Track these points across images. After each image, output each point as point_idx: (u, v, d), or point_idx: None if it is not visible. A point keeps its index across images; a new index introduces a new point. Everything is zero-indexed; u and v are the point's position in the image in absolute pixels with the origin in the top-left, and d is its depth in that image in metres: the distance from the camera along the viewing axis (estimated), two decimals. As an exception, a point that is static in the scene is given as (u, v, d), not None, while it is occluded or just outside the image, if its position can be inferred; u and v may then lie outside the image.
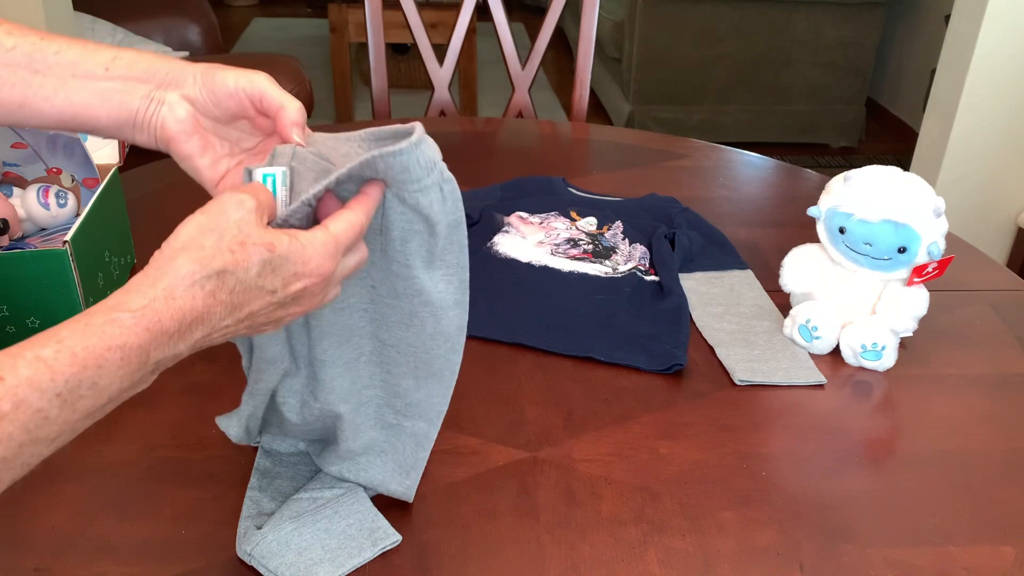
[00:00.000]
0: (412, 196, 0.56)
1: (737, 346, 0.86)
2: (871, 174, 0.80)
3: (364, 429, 0.65)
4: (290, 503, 0.64)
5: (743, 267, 0.99)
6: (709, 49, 3.20)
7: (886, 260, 0.80)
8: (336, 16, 3.13)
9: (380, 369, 0.63)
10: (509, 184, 1.15)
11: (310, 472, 0.68)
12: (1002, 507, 0.68)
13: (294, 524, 0.61)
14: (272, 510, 0.64)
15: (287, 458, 0.69)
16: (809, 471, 0.71)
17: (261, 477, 0.67)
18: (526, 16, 5.15)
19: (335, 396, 0.62)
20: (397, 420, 0.65)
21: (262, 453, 0.69)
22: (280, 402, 0.62)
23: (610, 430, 0.74)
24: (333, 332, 0.61)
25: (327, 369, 0.61)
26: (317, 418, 0.63)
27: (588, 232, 1.04)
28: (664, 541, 0.63)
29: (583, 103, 1.56)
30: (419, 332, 0.61)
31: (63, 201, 0.87)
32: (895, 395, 0.81)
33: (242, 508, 0.64)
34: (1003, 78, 2.07)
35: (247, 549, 0.60)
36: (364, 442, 0.65)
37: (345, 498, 0.64)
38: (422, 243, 0.58)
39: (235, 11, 5.07)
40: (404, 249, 0.58)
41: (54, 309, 0.78)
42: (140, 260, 0.96)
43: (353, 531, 0.62)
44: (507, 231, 1.04)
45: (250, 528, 0.62)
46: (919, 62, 3.46)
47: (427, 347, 0.61)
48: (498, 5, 1.52)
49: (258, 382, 0.60)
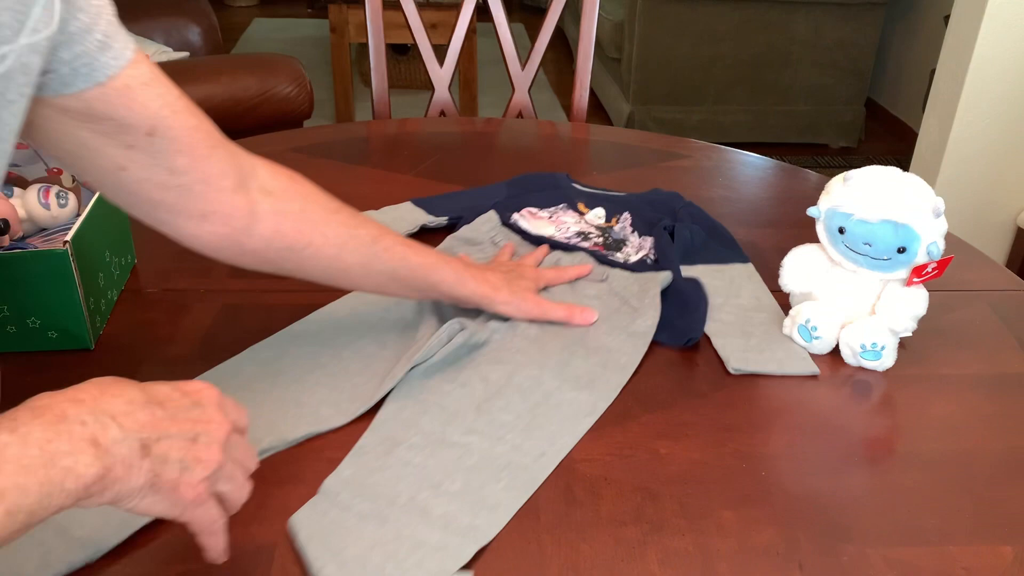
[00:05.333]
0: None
1: (734, 336, 0.86)
2: (871, 174, 0.80)
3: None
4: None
5: (744, 260, 0.99)
6: (709, 49, 3.20)
7: (885, 260, 0.80)
8: (336, 16, 3.13)
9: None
10: (515, 181, 1.15)
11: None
12: (1001, 507, 0.68)
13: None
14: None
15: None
16: (809, 471, 0.71)
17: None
18: (526, 16, 5.15)
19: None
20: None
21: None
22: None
23: (609, 430, 0.74)
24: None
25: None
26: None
27: (597, 225, 1.05)
28: (664, 541, 0.63)
29: (583, 103, 1.56)
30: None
31: (64, 201, 0.87)
32: (894, 395, 0.81)
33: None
34: (1003, 78, 2.07)
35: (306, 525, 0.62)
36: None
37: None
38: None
39: (235, 11, 5.07)
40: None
41: (54, 309, 0.78)
42: (140, 260, 0.96)
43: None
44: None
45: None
46: (919, 62, 3.46)
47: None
48: (498, 5, 1.52)
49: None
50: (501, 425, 0.73)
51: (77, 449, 0.44)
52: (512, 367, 0.79)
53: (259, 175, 0.71)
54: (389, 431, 0.72)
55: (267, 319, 0.86)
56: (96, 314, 0.82)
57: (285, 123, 2.06)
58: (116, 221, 0.90)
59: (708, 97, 3.30)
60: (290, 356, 0.81)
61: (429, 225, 1.05)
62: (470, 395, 0.76)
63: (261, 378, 0.78)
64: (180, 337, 0.84)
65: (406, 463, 0.68)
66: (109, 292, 0.87)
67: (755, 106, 3.34)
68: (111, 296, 0.87)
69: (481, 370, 0.79)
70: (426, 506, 0.64)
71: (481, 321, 0.85)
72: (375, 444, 0.70)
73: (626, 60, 3.31)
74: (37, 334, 0.79)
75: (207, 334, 0.84)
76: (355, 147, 1.29)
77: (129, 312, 0.88)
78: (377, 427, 0.72)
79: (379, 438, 0.71)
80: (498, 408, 0.74)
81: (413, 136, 1.35)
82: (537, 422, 0.73)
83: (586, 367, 0.80)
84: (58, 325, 0.79)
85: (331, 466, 0.68)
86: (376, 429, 0.72)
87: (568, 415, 0.75)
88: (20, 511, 0.41)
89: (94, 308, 0.82)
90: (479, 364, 0.80)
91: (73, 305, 0.78)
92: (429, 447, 0.70)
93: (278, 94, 2.01)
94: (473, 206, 1.07)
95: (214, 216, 0.68)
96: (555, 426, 0.73)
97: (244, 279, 0.94)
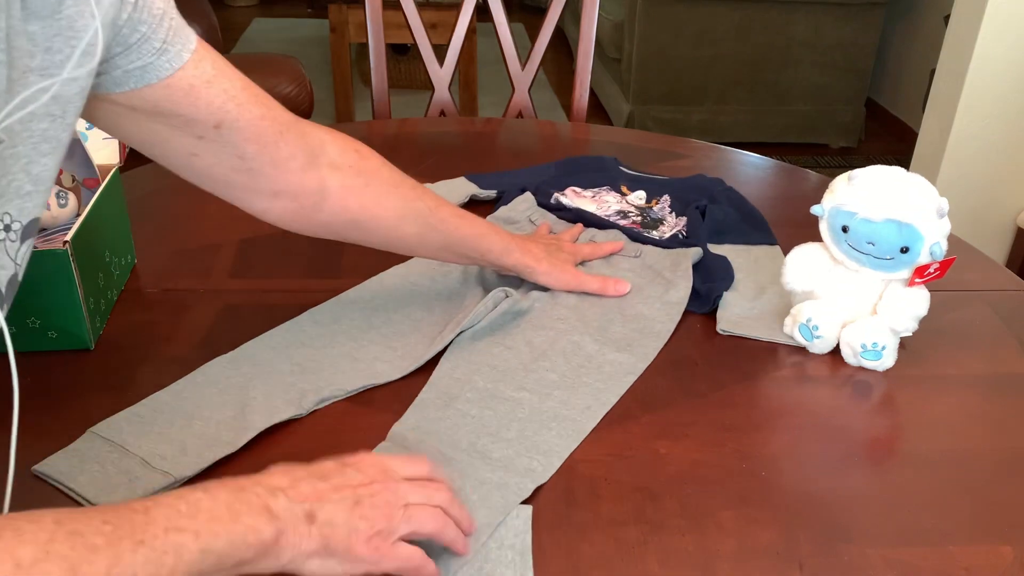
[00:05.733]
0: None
1: (738, 303, 0.91)
2: (875, 174, 0.80)
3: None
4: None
5: (772, 243, 1.04)
6: (709, 49, 3.20)
7: (888, 260, 0.80)
8: (336, 16, 3.13)
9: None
10: (562, 162, 1.22)
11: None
12: (1001, 507, 0.68)
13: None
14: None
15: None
16: (809, 471, 0.71)
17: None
18: (526, 16, 5.15)
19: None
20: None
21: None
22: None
23: (609, 430, 0.74)
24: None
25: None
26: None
27: (637, 205, 1.10)
28: (664, 541, 0.63)
29: (583, 103, 1.56)
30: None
31: (64, 201, 0.87)
32: (894, 395, 0.81)
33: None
34: (1003, 78, 2.07)
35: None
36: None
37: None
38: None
39: (235, 11, 5.06)
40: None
41: (54, 309, 0.78)
42: (140, 260, 0.96)
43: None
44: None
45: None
46: (919, 62, 3.46)
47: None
48: (498, 5, 1.52)
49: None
50: (548, 383, 0.78)
51: (255, 512, 0.49)
52: (555, 333, 0.85)
53: (328, 151, 0.76)
54: (446, 387, 0.77)
55: (267, 319, 0.86)
56: (96, 314, 0.82)
57: (285, 123, 2.05)
58: (116, 221, 0.90)
59: (708, 97, 3.30)
60: (346, 318, 0.86)
61: (478, 196, 1.12)
62: (517, 356, 0.81)
63: (320, 336, 0.83)
64: (180, 337, 0.84)
65: (464, 414, 0.74)
66: (109, 292, 0.87)
67: (755, 106, 3.33)
68: (111, 296, 0.87)
69: (526, 335, 0.85)
70: (486, 450, 0.70)
71: (524, 291, 0.91)
72: (434, 398, 0.76)
73: (626, 60, 3.31)
74: (37, 334, 0.79)
75: (207, 334, 0.84)
76: (355, 147, 1.29)
77: (129, 312, 0.88)
78: (434, 383, 0.78)
79: (437, 392, 0.77)
80: (544, 369, 0.80)
81: (413, 136, 1.35)
82: (582, 380, 0.79)
83: (624, 332, 0.86)
84: (58, 325, 0.79)
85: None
86: (434, 385, 0.78)
87: (610, 374, 0.80)
88: (211, 552, 0.46)
89: (94, 308, 0.82)
90: (524, 330, 0.85)
91: (73, 305, 0.78)
92: (483, 401, 0.76)
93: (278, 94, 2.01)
94: (521, 183, 1.14)
95: (284, 194, 0.74)
96: (599, 383, 0.79)
97: (244, 279, 0.94)
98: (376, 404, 0.76)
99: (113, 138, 0.92)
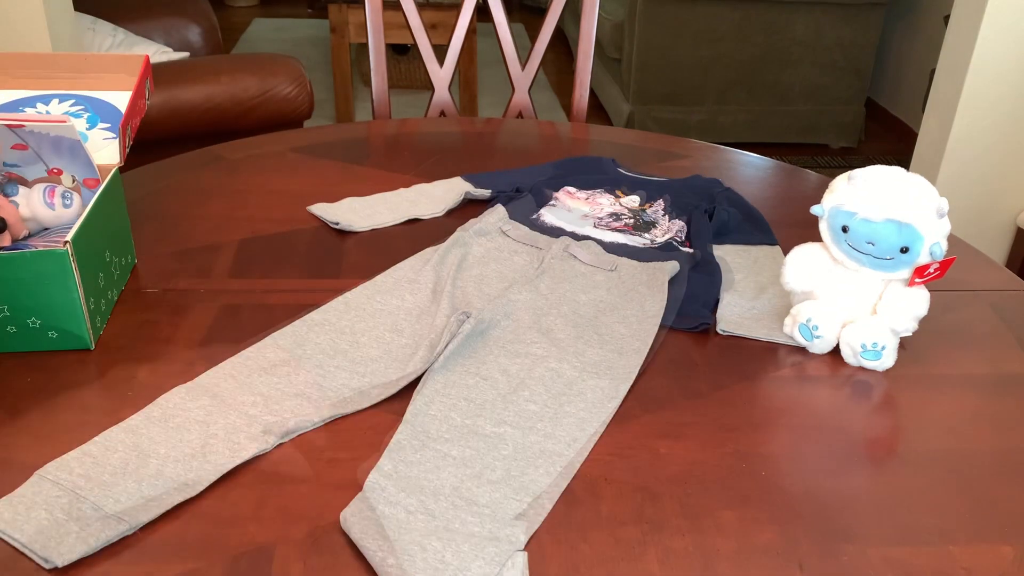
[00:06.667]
0: None
1: (738, 303, 0.92)
2: (875, 174, 0.80)
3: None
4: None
5: (773, 243, 1.04)
6: (709, 49, 3.20)
7: (888, 260, 0.80)
8: (336, 16, 3.13)
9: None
10: (561, 162, 1.22)
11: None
12: (1001, 507, 0.68)
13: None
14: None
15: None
16: (809, 471, 0.71)
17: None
18: (526, 16, 5.14)
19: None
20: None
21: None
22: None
23: (609, 429, 0.74)
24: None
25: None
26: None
27: (631, 208, 1.10)
28: (664, 541, 0.63)
29: (583, 103, 1.56)
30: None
31: (68, 201, 0.87)
32: (894, 395, 0.81)
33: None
34: (1003, 78, 2.07)
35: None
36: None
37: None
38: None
39: (235, 11, 5.07)
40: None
41: (54, 309, 0.78)
42: (140, 260, 0.96)
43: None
44: (554, 204, 1.10)
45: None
46: (919, 62, 3.46)
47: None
48: (498, 5, 1.52)
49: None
50: (530, 415, 0.75)
51: None
52: (531, 360, 0.82)
53: None
54: (422, 425, 0.73)
55: (267, 319, 0.86)
56: (96, 314, 0.82)
57: (285, 123, 2.06)
58: (116, 221, 0.90)
59: (708, 97, 3.30)
60: (311, 343, 0.83)
61: (472, 195, 1.12)
62: (494, 387, 0.78)
63: (284, 363, 0.79)
64: (180, 337, 0.84)
65: (444, 455, 0.70)
66: (109, 292, 0.87)
67: (755, 106, 3.34)
68: (111, 296, 0.87)
69: (500, 363, 0.81)
70: (471, 496, 0.66)
71: (487, 300, 0.89)
72: (410, 438, 0.71)
73: (626, 60, 3.31)
74: (37, 334, 0.79)
75: (207, 334, 0.84)
76: (355, 147, 1.29)
77: (129, 312, 0.88)
78: (409, 421, 0.73)
79: (412, 432, 0.72)
80: (524, 399, 0.77)
81: (413, 136, 1.35)
82: (564, 410, 0.76)
83: (602, 355, 0.83)
84: (58, 325, 0.79)
85: (330, 466, 0.68)
86: (408, 423, 0.73)
87: (592, 401, 0.77)
88: None
89: (94, 308, 0.82)
90: (497, 357, 0.82)
91: (73, 305, 0.78)
92: (463, 439, 0.72)
93: (278, 94, 2.01)
94: (518, 183, 1.14)
95: None
96: (583, 412, 0.76)
97: (244, 279, 0.94)
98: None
99: (113, 138, 0.92)
